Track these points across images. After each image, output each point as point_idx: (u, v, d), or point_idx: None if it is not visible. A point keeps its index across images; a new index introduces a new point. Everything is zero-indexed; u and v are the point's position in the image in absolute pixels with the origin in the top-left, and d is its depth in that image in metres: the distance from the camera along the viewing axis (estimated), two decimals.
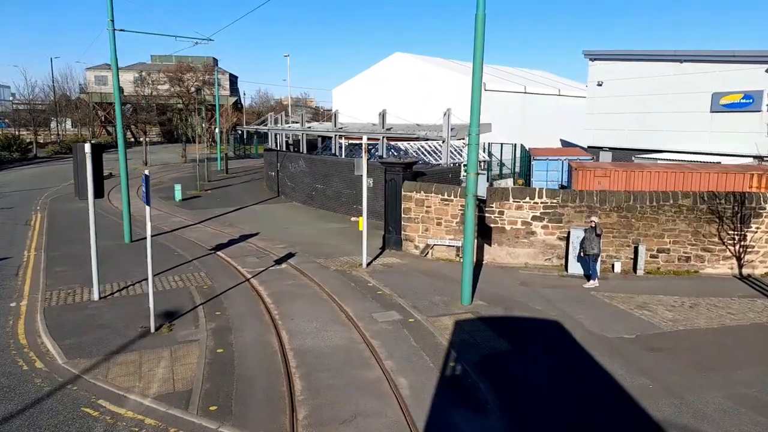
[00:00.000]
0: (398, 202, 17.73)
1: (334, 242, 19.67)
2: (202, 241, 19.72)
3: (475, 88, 11.82)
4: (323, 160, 25.98)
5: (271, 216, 25.21)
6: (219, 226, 22.73)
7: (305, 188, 27.81)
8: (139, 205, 29.18)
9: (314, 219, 24.44)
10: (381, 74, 46.67)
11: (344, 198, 24.90)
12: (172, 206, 27.81)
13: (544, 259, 16.13)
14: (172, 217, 24.90)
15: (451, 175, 21.44)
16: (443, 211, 16.94)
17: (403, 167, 17.57)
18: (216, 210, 26.57)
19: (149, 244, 11.24)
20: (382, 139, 23.35)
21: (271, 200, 29.98)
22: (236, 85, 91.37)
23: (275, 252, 18.05)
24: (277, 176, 31.33)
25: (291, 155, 29.08)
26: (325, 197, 26.16)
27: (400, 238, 17.89)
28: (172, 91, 56.53)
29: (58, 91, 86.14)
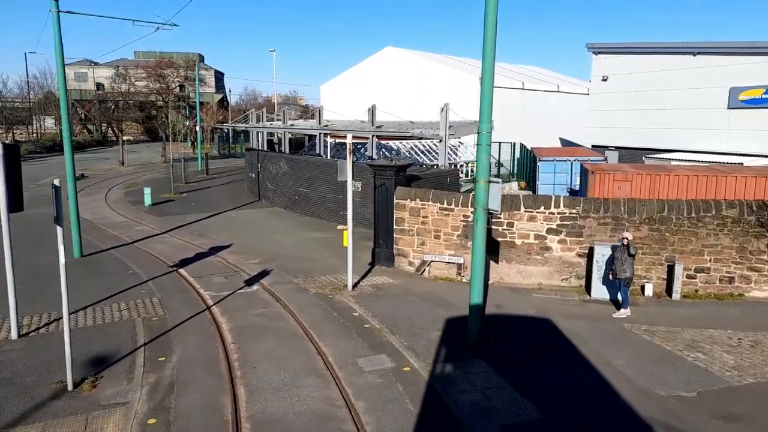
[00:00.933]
0: (390, 212, 15.29)
1: (316, 256, 17.18)
2: (165, 255, 17.15)
3: (487, 70, 9.39)
4: (306, 161, 23.50)
5: (248, 224, 22.66)
6: (188, 236, 20.16)
7: (287, 192, 25.30)
8: (104, 212, 26.57)
9: (296, 227, 21.93)
10: (371, 70, 44.18)
11: (330, 203, 22.41)
12: (139, 212, 25.16)
13: (561, 279, 13.74)
14: (137, 225, 22.26)
15: (449, 178, 19.03)
16: (442, 222, 14.51)
17: (395, 171, 15.12)
18: (188, 216, 23.96)
19: (63, 274, 8.65)
20: (371, 137, 20.89)
21: (251, 205, 27.41)
22: (222, 82, 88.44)
23: (247, 269, 15.54)
24: (257, 178, 28.77)
25: (272, 156, 26.53)
26: (309, 202, 23.66)
27: (391, 253, 15.45)
28: (151, 87, 53.64)
29: (37, 88, 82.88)
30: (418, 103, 35.86)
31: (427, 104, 34.96)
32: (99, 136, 75.76)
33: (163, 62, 53.02)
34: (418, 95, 38.19)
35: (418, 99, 37.39)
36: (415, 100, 37.48)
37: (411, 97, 38.12)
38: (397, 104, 31.21)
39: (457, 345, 10.19)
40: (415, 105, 34.92)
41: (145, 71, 53.15)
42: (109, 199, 29.05)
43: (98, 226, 21.91)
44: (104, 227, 21.59)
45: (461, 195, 14.51)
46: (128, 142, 72.26)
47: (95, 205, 27.18)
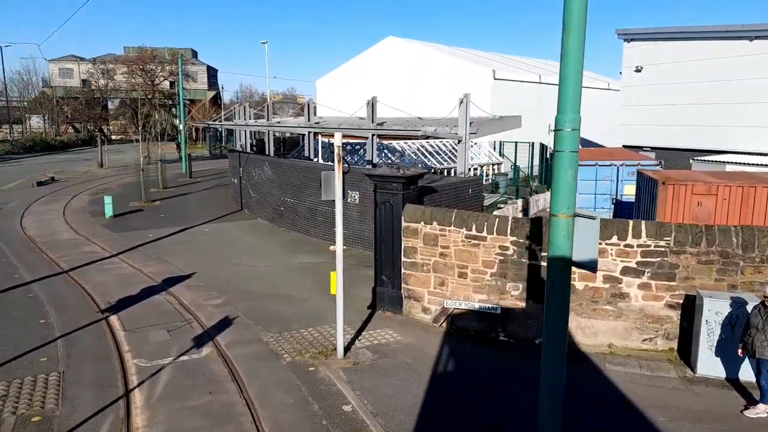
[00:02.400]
0: (396, 238, 11.24)
1: (299, 292, 13.12)
2: (102, 291, 13.11)
3: (574, 16, 5.28)
4: (293, 165, 19.47)
5: (221, 242, 18.60)
6: (143, 260, 16.12)
7: (272, 202, 21.24)
8: (55, 225, 22.09)
9: (279, 247, 17.87)
10: (371, 62, 40.14)
11: (321, 217, 18.37)
12: (95, 226, 21.09)
13: (642, 339, 9.69)
14: (85, 244, 18.20)
15: (471, 189, 14.90)
16: (470, 255, 10.46)
17: (402, 183, 11.06)
18: (152, 232, 19.91)
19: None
20: (371, 137, 16.84)
21: (231, 216, 23.34)
22: (216, 79, 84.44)
23: (204, 315, 11.51)
24: (240, 185, 24.72)
25: (255, 159, 22.48)
26: (297, 215, 19.61)
27: (399, 295, 11.40)
28: (133, 82, 49.59)
29: (20, 85, 78.92)
30: (424, 99, 31.82)
31: (434, 99, 30.89)
32: (86, 135, 71.81)
33: (146, 56, 48.92)
34: (424, 90, 34.16)
35: (424, 94, 33.36)
36: (420, 94, 33.44)
37: (416, 92, 34.09)
38: (401, 99, 27.18)
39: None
40: (420, 100, 30.89)
41: (126, 65, 49.03)
42: (68, 209, 25.01)
43: (37, 246, 17.87)
44: (44, 248, 17.55)
45: (496, 218, 10.42)
46: (116, 142, 68.44)
47: (49, 216, 23.14)
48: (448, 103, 17.91)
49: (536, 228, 9.94)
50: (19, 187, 32.99)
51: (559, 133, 5.45)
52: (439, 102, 30.38)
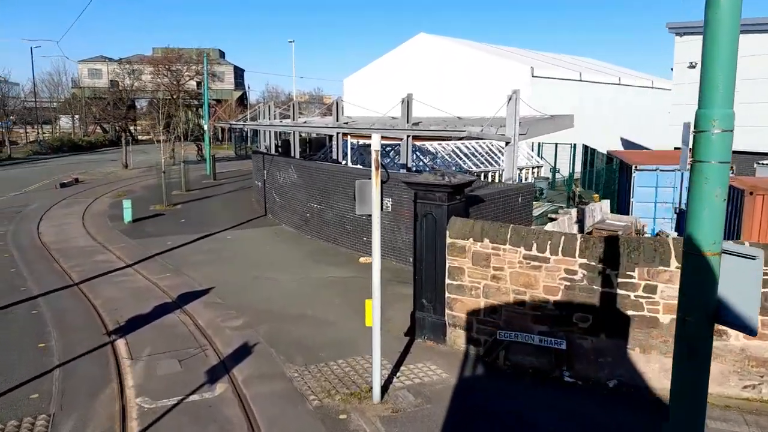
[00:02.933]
0: (439, 257, 9.71)
1: (328, 313, 11.69)
2: (112, 307, 11.92)
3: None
4: (320, 168, 18.10)
5: (243, 251, 17.33)
6: (159, 271, 14.93)
7: (298, 208, 19.92)
8: (72, 231, 21.02)
9: (305, 258, 16.50)
10: (402, 60, 38.66)
11: (350, 225, 16.95)
12: (113, 232, 20.08)
13: (743, 386, 7.96)
14: (100, 253, 17.14)
15: (521, 198, 13.22)
16: (529, 278, 8.86)
17: (449, 193, 9.52)
18: (171, 239, 18.78)
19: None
20: (406, 139, 15.33)
21: (254, 222, 22.11)
22: (242, 79, 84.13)
23: (221, 340, 10.18)
24: (264, 188, 23.50)
25: (279, 161, 21.19)
26: (324, 223, 18.22)
27: (442, 322, 9.86)
28: (158, 82, 49.11)
29: (50, 86, 79.81)
30: (457, 97, 30.18)
31: (468, 98, 29.26)
32: (113, 135, 71.96)
33: (171, 56, 48.37)
34: (457, 88, 32.52)
35: (457, 92, 31.72)
36: (453, 93, 31.80)
37: (448, 90, 32.46)
38: (432, 98, 25.63)
39: None
40: (453, 99, 29.25)
41: (152, 65, 48.56)
42: (88, 213, 24.15)
43: (51, 254, 16.87)
44: (57, 256, 16.53)
45: (561, 237, 8.79)
46: (142, 142, 68.35)
47: (67, 220, 22.27)
48: (483, 101, 16.41)
49: (611, 249, 8.30)
50: (42, 189, 32.49)
51: (702, 135, 3.87)
52: (474, 101, 28.72)
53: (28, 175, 39.85)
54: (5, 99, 72.76)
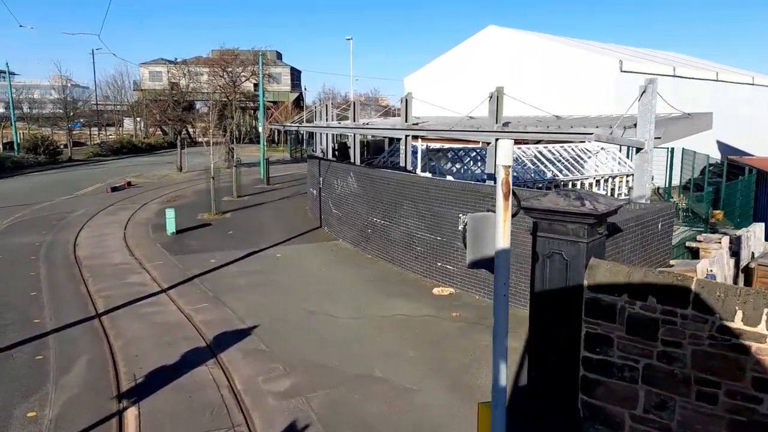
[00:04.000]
0: (571, 316, 6.65)
1: (401, 372, 8.85)
2: (133, 353, 9.58)
3: None
4: (385, 177, 15.35)
5: (294, 274, 14.78)
6: (196, 299, 12.59)
7: (357, 221, 17.25)
8: (111, 243, 18.12)
9: (366, 285, 13.76)
10: (468, 56, 35.51)
11: (421, 246, 14.08)
12: (153, 246, 18.08)
13: None
14: (134, 272, 15.04)
15: (660, 224, 9.79)
16: (726, 364, 5.65)
17: (590, 224, 6.45)
18: (215, 255, 16.54)
19: None
20: (495, 143, 12.34)
21: (308, 236, 19.63)
22: (299, 80, 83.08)
23: (261, 415, 7.55)
24: (319, 197, 21.01)
25: (337, 167, 18.60)
26: (388, 241, 15.44)
27: (572, 410, 6.78)
28: (215, 84, 48.03)
29: (114, 88, 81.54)
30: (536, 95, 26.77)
31: (550, 95, 25.80)
32: (172, 137, 72.35)
33: (227, 56, 47.14)
34: (536, 85, 29.05)
35: (536, 89, 28.24)
36: (531, 91, 28.39)
37: (526, 88, 29.04)
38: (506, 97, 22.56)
39: None
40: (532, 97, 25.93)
41: (208, 66, 47.51)
42: (132, 221, 22.45)
43: (81, 272, 14.92)
44: (87, 275, 14.55)
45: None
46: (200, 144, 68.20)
47: (108, 230, 20.56)
48: (566, 99, 13.29)
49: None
50: (93, 193, 31.51)
51: None
52: (556, 98, 25.26)
53: (84, 177, 39.40)
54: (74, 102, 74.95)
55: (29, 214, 24.19)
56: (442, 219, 13.32)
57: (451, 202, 13.03)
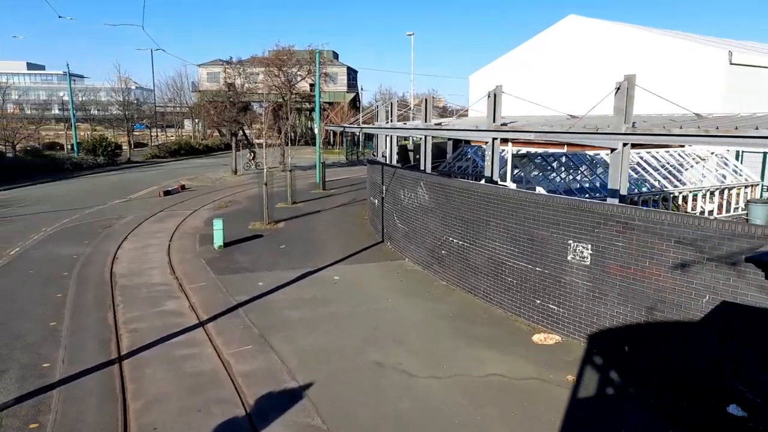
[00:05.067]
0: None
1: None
2: (152, 422, 7.31)
3: None
4: (465, 189, 12.59)
5: (356, 305, 12.26)
6: (238, 340, 10.29)
7: (428, 239, 14.58)
8: (153, 257, 16.22)
9: (444, 324, 11.04)
10: (544, 50, 32.14)
11: (514, 277, 11.24)
12: (197, 262, 16.08)
13: None
14: (172, 296, 12.97)
15: None
16: None
17: None
18: (264, 276, 14.31)
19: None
20: (623, 148, 9.34)
21: (369, 253, 17.14)
22: (355, 80, 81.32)
23: None
24: (381, 208, 18.50)
25: (403, 175, 16.00)
26: (469, 266, 12.68)
27: None
28: (270, 84, 46.63)
29: (173, 90, 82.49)
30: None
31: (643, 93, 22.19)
32: (229, 138, 72.16)
33: (282, 54, 45.62)
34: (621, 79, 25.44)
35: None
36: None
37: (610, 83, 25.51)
38: (589, 94, 19.32)
39: None
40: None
41: (264, 65, 46.14)
42: (180, 231, 20.71)
43: (113, 295, 13.01)
44: (119, 300, 12.61)
45: None
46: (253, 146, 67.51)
47: (153, 241, 18.83)
48: (666, 95, 10.17)
49: None
50: (146, 196, 30.37)
51: None
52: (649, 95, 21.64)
53: (139, 179, 38.73)
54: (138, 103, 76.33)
55: (77, 219, 22.98)
56: (544, 245, 10.44)
57: (557, 224, 10.15)
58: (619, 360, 9.06)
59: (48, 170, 39.56)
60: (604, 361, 9.11)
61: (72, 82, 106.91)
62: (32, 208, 25.95)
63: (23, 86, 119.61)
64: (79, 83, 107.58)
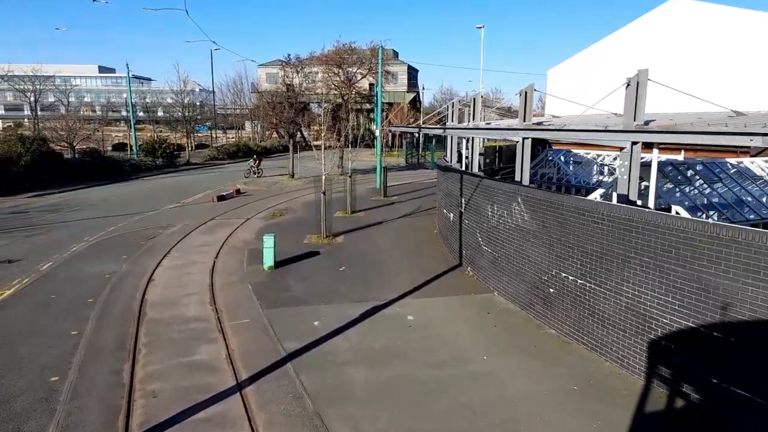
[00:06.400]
0: None
1: None
2: None
3: None
4: (590, 211, 9.30)
5: (439, 367, 9.21)
6: (286, 416, 7.49)
7: (528, 270, 11.34)
8: (194, 279, 13.44)
9: (573, 408, 7.81)
10: (637, 41, 27.96)
11: (676, 340, 7.86)
12: (243, 288, 13.51)
13: None
14: (209, 337, 10.38)
15: None
16: None
17: None
18: (321, 312, 11.55)
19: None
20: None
21: (446, 281, 14.05)
22: (415, 80, 78.28)
23: None
24: (459, 224, 15.38)
25: (492, 187, 12.80)
26: (593, 314, 9.36)
27: None
28: (330, 82, 44.33)
29: (233, 91, 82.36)
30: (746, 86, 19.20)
31: None
32: (287, 140, 70.94)
33: (342, 51, 43.16)
34: (746, 72, 21.20)
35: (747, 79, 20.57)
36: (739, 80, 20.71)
37: (729, 77, 21.34)
38: (703, 89, 15.43)
39: None
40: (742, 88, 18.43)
41: (322, 63, 43.89)
42: (228, 244, 18.38)
43: (137, 334, 10.58)
44: (143, 341, 10.16)
45: None
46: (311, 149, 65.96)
47: (196, 258, 16.52)
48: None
49: None
50: (199, 201, 28.57)
51: None
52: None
53: (195, 183, 37.31)
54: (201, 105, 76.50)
55: (122, 228, 21.17)
56: (729, 298, 7.05)
57: (755, 271, 6.75)
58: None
59: (107, 172, 38.86)
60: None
61: (140, 85, 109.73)
62: (81, 214, 24.53)
63: (95, 89, 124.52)
64: (146, 86, 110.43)
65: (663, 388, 8.09)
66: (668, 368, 8.03)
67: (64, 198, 29.74)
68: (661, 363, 8.12)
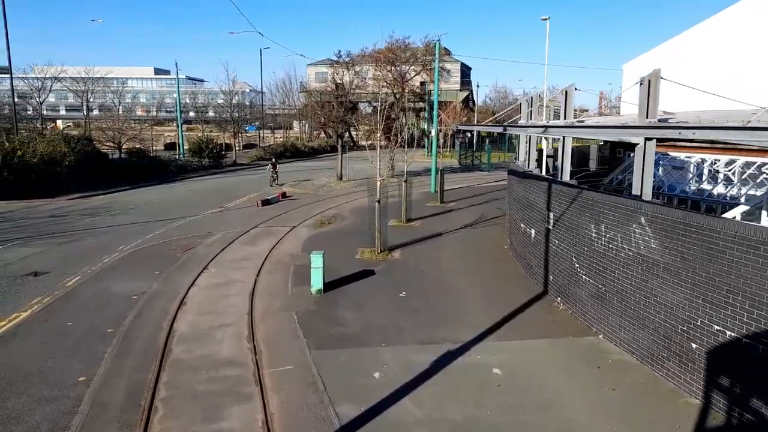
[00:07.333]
0: None
1: None
2: None
3: None
4: (751, 241, 6.56)
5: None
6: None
7: (656, 314, 8.60)
8: (231, 302, 10.05)
9: None
10: (731, 31, 24.29)
11: None
12: (288, 318, 11.29)
13: None
14: (240, 395, 8.16)
15: None
16: None
17: None
18: (381, 359, 9.19)
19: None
20: None
21: (531, 316, 11.41)
22: (468, 78, 75.10)
23: None
24: (545, 243, 12.69)
25: (597, 201, 10.09)
26: (762, 384, 6.58)
27: None
28: (381, 79, 42.13)
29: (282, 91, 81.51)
30: None
31: None
32: (335, 140, 69.36)
33: (396, 47, 40.89)
34: None
35: None
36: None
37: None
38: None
39: None
40: None
41: (374, 60, 41.72)
42: (272, 258, 16.32)
43: (157, 381, 8.50)
44: (163, 394, 8.06)
45: None
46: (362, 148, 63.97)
47: (236, 276, 14.49)
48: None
49: None
50: (243, 206, 26.87)
51: None
52: None
53: (240, 185, 35.86)
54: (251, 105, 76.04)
55: (160, 236, 19.52)
56: None
57: None
58: None
59: (152, 172, 37.96)
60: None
61: (192, 86, 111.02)
62: (120, 218, 23.16)
63: (150, 90, 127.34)
64: (199, 86, 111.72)
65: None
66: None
67: (105, 200, 28.68)
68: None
